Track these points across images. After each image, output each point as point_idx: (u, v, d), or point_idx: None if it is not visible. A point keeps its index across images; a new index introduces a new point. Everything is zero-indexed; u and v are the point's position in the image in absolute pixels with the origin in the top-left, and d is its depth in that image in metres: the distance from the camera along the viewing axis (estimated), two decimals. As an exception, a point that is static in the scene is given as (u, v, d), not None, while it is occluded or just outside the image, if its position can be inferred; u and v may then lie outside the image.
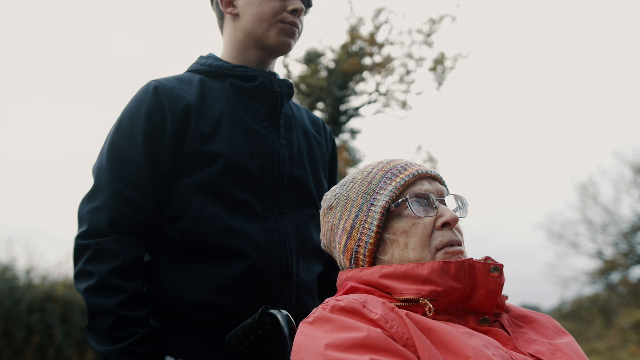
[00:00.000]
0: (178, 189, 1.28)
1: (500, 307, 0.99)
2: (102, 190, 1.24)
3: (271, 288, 1.28)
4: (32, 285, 5.84)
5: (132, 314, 1.16)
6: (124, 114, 1.31)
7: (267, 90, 1.41)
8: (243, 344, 1.17)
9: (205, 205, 1.26)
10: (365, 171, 1.10)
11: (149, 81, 1.34)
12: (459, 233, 1.04)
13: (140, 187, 1.25)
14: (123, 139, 1.27)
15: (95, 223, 1.21)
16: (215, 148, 1.29)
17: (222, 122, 1.33)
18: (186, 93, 1.33)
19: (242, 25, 1.42)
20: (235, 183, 1.30)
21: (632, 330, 11.02)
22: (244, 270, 1.25)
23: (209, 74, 1.42)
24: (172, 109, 1.28)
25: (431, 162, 12.01)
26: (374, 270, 0.99)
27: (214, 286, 1.24)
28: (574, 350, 0.94)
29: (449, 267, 0.92)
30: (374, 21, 11.96)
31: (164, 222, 1.28)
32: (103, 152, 1.29)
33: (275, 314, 1.12)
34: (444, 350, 0.81)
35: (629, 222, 14.52)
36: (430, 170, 1.08)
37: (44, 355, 5.34)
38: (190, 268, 1.26)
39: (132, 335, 1.15)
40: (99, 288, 1.16)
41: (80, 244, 1.21)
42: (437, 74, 11.95)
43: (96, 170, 1.28)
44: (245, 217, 1.29)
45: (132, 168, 1.25)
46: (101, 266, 1.17)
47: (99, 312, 1.16)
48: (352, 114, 13.49)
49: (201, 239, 1.24)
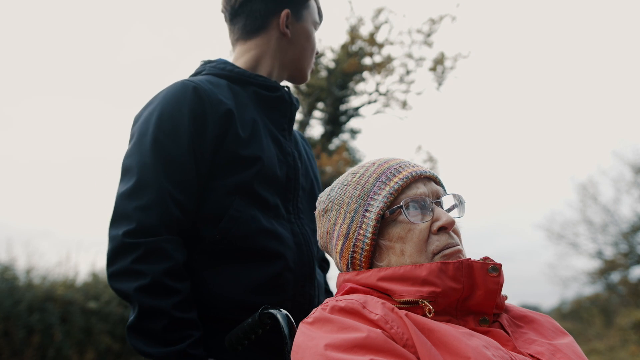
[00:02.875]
0: (216, 190, 1.29)
1: (500, 307, 0.99)
2: (149, 187, 1.21)
3: (301, 288, 1.35)
4: (32, 285, 5.84)
5: (186, 315, 1.16)
6: (163, 111, 1.28)
7: (285, 101, 1.48)
8: (243, 344, 1.17)
9: (244, 206, 1.29)
10: (359, 173, 1.08)
11: (183, 80, 1.34)
12: (456, 235, 1.03)
13: (185, 187, 1.25)
14: (167, 137, 1.25)
15: (145, 221, 1.18)
16: (253, 152, 1.33)
17: (255, 128, 1.37)
18: (222, 96, 1.34)
19: (291, 51, 1.51)
20: (267, 187, 1.35)
21: (632, 330, 11.02)
22: (278, 271, 1.29)
23: (232, 79, 1.44)
24: (214, 111, 1.30)
25: (431, 162, 12.01)
26: (371, 273, 0.99)
27: (251, 286, 1.27)
28: (574, 350, 0.94)
29: (447, 268, 0.92)
30: (374, 21, 11.96)
31: (200, 223, 1.29)
32: (145, 148, 1.25)
33: (275, 314, 1.12)
34: (444, 351, 0.81)
35: (629, 222, 14.52)
36: (425, 171, 1.06)
37: (44, 355, 5.34)
38: (228, 268, 1.28)
39: (187, 337, 1.15)
40: (153, 288, 1.14)
41: (127, 242, 1.16)
42: (437, 74, 11.94)
43: (139, 165, 1.23)
44: (276, 220, 1.35)
45: (177, 168, 1.24)
46: (155, 266, 1.15)
47: (153, 313, 1.13)
48: (352, 114, 13.48)
49: (240, 239, 1.27)
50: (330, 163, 11.07)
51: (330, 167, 11.06)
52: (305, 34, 1.52)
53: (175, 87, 1.32)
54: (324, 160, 11.05)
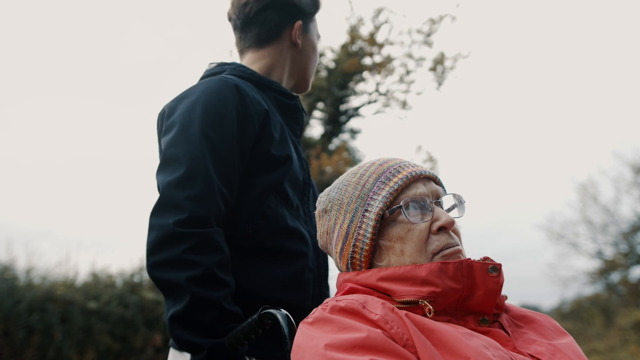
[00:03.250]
0: (252, 187, 1.32)
1: (500, 308, 0.99)
2: (200, 179, 1.21)
3: (319, 287, 1.39)
4: (32, 285, 5.84)
5: (234, 308, 1.18)
6: (207, 104, 1.28)
7: (299, 110, 1.55)
8: (243, 344, 1.17)
9: (275, 205, 1.33)
10: (359, 173, 1.08)
11: (222, 77, 1.36)
12: (456, 235, 1.03)
13: (230, 183, 1.27)
14: (215, 132, 1.26)
15: (197, 212, 1.17)
16: (284, 152, 1.38)
17: (283, 131, 1.42)
18: (259, 97, 1.38)
19: (299, 61, 1.57)
20: (292, 188, 1.39)
21: (632, 330, 11.03)
22: (301, 269, 1.34)
23: (254, 83, 1.46)
24: (255, 111, 1.33)
25: (431, 162, 12.00)
26: (371, 273, 0.99)
27: (278, 283, 1.30)
28: (574, 350, 0.94)
29: (447, 268, 0.92)
30: (374, 21, 11.96)
31: (234, 218, 1.31)
32: (193, 139, 1.24)
33: (275, 314, 1.12)
34: (444, 351, 0.81)
35: (629, 222, 14.52)
36: (425, 171, 1.05)
37: (44, 355, 5.34)
38: (256, 265, 1.30)
39: None
40: (205, 279, 1.14)
41: (179, 232, 1.15)
42: (437, 74, 11.94)
43: (188, 155, 1.22)
44: (298, 220, 1.40)
45: (223, 162, 1.26)
46: (208, 257, 1.15)
47: (205, 303, 1.13)
48: (352, 114, 13.48)
49: (269, 237, 1.31)
50: (330, 163, 11.06)
51: (330, 167, 11.06)
52: (312, 45, 1.60)
53: (216, 83, 1.33)
54: (324, 160, 11.05)
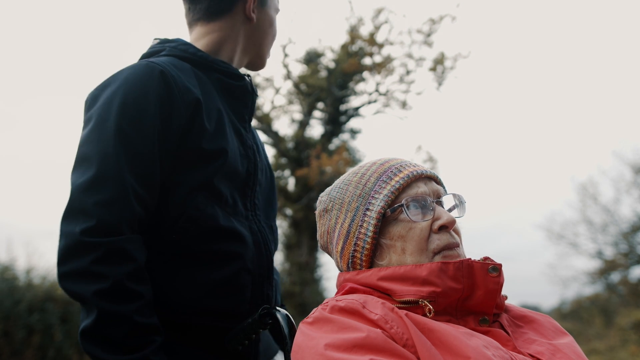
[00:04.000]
0: (178, 186, 1.20)
1: (500, 308, 0.99)
2: (111, 181, 1.09)
3: (259, 289, 1.27)
4: (32, 285, 5.84)
5: (149, 320, 1.07)
6: (127, 96, 1.15)
7: (248, 91, 1.41)
8: (243, 344, 1.17)
9: (204, 205, 1.20)
10: (360, 173, 1.09)
11: (147, 61, 1.21)
12: (457, 234, 1.03)
13: (148, 182, 1.14)
14: (131, 125, 1.13)
15: (106, 219, 1.06)
16: (218, 146, 1.24)
17: (220, 119, 1.28)
18: (189, 84, 1.24)
19: (254, 35, 1.45)
20: (227, 182, 1.26)
21: (632, 330, 11.02)
22: (235, 272, 1.22)
23: (195, 63, 1.33)
24: (183, 100, 1.19)
25: (431, 162, 12.00)
26: (371, 272, 0.99)
27: (207, 289, 1.19)
28: (574, 350, 0.94)
29: (447, 268, 0.92)
30: (374, 21, 11.96)
31: (159, 222, 1.20)
32: (106, 135, 1.13)
33: (275, 314, 1.13)
34: (444, 351, 0.81)
35: (629, 222, 14.50)
36: (426, 171, 1.06)
37: (44, 355, 5.34)
38: (184, 270, 1.20)
39: (150, 343, 1.07)
40: (114, 292, 1.04)
41: (87, 241, 1.05)
42: (437, 74, 11.95)
43: (99, 155, 1.11)
44: (235, 218, 1.27)
45: (141, 160, 1.13)
46: (116, 268, 1.05)
47: (114, 318, 1.04)
48: (352, 114, 13.48)
49: (198, 240, 1.19)
50: (330, 163, 11.06)
51: (330, 167, 11.06)
52: (269, 20, 1.46)
53: (139, 69, 1.19)
54: (324, 160, 11.05)
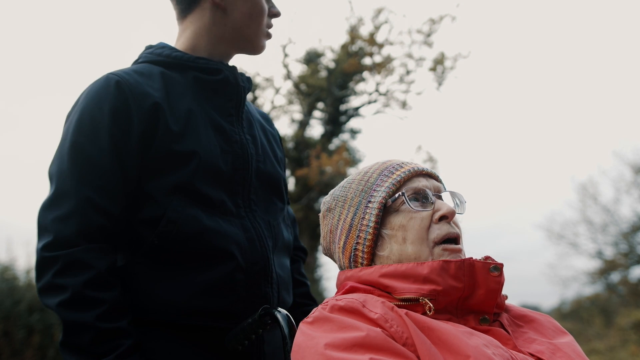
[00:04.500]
0: (151, 191, 1.21)
1: (500, 307, 0.99)
2: (67, 196, 1.14)
3: (255, 287, 1.26)
4: (32, 285, 5.83)
5: (114, 325, 1.09)
6: (83, 111, 1.19)
7: (231, 84, 1.36)
8: (243, 344, 1.17)
9: (183, 207, 1.20)
10: (363, 172, 1.12)
11: (107, 74, 1.23)
12: (457, 227, 1.04)
13: (109, 191, 1.16)
14: (86, 139, 1.17)
15: (62, 233, 1.11)
16: (188, 147, 1.23)
17: (191, 119, 1.27)
18: (150, 88, 1.24)
19: (229, 21, 1.36)
20: (209, 182, 1.24)
21: (632, 330, 11.03)
22: (227, 271, 1.22)
23: (168, 65, 1.32)
24: (139, 107, 1.20)
25: (431, 162, 12.02)
26: (373, 269, 0.99)
27: (197, 290, 1.19)
28: (574, 349, 0.94)
29: (449, 266, 0.92)
30: (374, 21, 11.97)
31: (139, 226, 1.21)
32: (63, 153, 1.18)
33: (275, 314, 1.12)
34: (443, 350, 0.81)
35: (629, 222, 14.51)
36: (427, 168, 1.09)
37: (44, 355, 5.34)
38: (171, 272, 1.20)
39: (117, 348, 1.09)
40: (74, 302, 1.08)
41: (46, 256, 1.10)
42: (437, 74, 11.96)
43: (57, 173, 1.17)
44: (222, 217, 1.25)
45: (98, 172, 1.16)
46: (74, 279, 1.09)
47: (77, 327, 1.07)
48: (352, 114, 13.50)
49: (182, 242, 1.19)
50: (330, 163, 11.07)
51: (330, 167, 11.07)
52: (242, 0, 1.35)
53: (98, 83, 1.22)
54: (324, 160, 11.06)
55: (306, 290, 1.61)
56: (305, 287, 1.61)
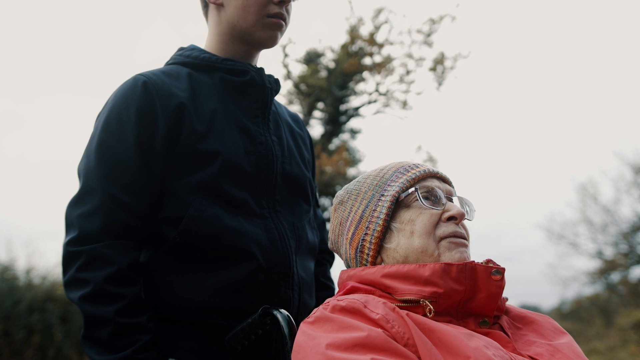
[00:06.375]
0: (175, 190, 1.23)
1: (500, 310, 0.99)
2: (93, 193, 1.18)
3: (275, 288, 1.26)
4: (32, 285, 5.85)
5: (132, 320, 1.12)
6: (111, 111, 1.23)
7: (257, 85, 1.37)
8: (243, 344, 1.17)
9: (205, 206, 1.21)
10: (379, 169, 1.14)
11: (135, 75, 1.27)
12: (465, 229, 1.05)
13: (133, 189, 1.19)
14: (113, 138, 1.21)
15: (86, 228, 1.15)
16: (212, 147, 1.25)
17: (216, 119, 1.29)
18: (177, 89, 1.27)
19: (227, 17, 1.35)
20: (233, 182, 1.26)
21: (632, 330, 11.03)
22: (248, 271, 1.22)
23: (196, 67, 1.35)
24: (164, 107, 1.23)
25: (431, 162, 12.02)
26: (376, 269, 0.99)
27: (217, 288, 1.21)
28: (573, 350, 0.94)
29: (450, 269, 0.93)
30: (374, 21, 11.97)
31: (162, 224, 1.23)
32: (90, 151, 1.22)
33: (275, 314, 1.13)
34: (444, 351, 0.82)
35: (629, 222, 14.50)
36: (441, 172, 1.11)
37: (44, 355, 5.35)
38: (193, 270, 1.22)
39: (134, 343, 1.11)
40: (95, 296, 1.11)
41: (71, 251, 1.15)
42: (437, 74, 11.97)
43: (84, 171, 1.21)
44: (245, 217, 1.26)
45: (124, 170, 1.19)
46: (96, 273, 1.12)
47: (98, 321, 1.11)
48: (352, 114, 13.50)
49: (203, 240, 1.20)
50: (330, 163, 11.08)
51: (330, 167, 11.08)
52: None
53: (126, 84, 1.26)
54: (324, 160, 11.07)
55: (331, 294, 1.60)
56: (330, 291, 1.60)
